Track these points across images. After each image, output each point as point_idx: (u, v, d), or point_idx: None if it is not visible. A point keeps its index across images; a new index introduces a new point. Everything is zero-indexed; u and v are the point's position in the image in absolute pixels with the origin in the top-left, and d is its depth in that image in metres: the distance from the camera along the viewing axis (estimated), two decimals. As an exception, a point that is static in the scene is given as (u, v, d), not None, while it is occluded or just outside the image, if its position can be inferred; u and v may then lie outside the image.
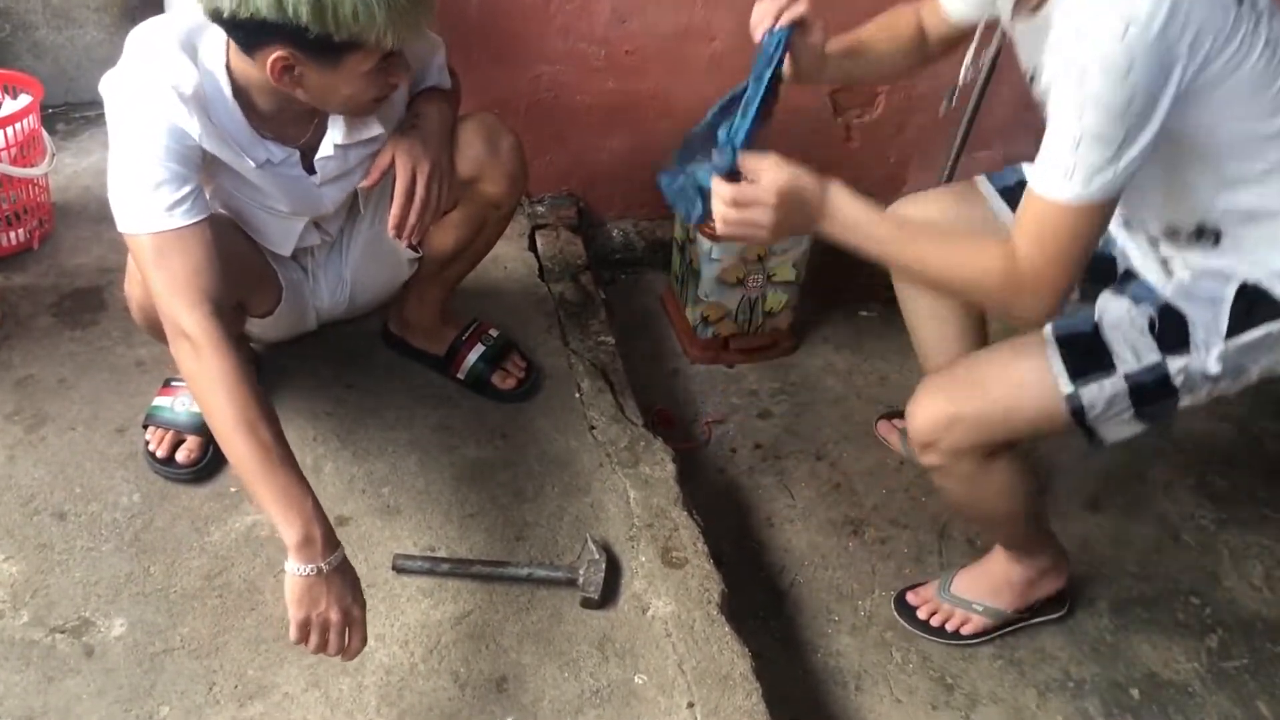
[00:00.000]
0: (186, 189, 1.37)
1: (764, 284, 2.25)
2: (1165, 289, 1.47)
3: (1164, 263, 1.51)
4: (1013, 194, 1.64)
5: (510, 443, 1.87)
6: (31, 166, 2.02)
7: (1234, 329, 1.41)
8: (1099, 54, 1.17)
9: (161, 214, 1.35)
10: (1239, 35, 1.23)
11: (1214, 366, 1.42)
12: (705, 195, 1.36)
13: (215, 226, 1.42)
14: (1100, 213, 1.27)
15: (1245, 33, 1.23)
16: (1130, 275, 1.57)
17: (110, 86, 1.39)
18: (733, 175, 1.31)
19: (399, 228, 1.57)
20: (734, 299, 2.26)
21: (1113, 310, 1.46)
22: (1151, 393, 1.44)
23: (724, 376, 2.33)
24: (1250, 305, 1.42)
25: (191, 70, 1.38)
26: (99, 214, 1.43)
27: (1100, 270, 1.58)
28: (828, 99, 2.39)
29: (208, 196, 1.47)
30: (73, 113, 2.44)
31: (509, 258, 2.27)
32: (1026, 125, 2.47)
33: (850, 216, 1.33)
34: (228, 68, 1.41)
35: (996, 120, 2.44)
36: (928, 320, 1.84)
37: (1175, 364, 1.42)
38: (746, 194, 1.30)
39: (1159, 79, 1.19)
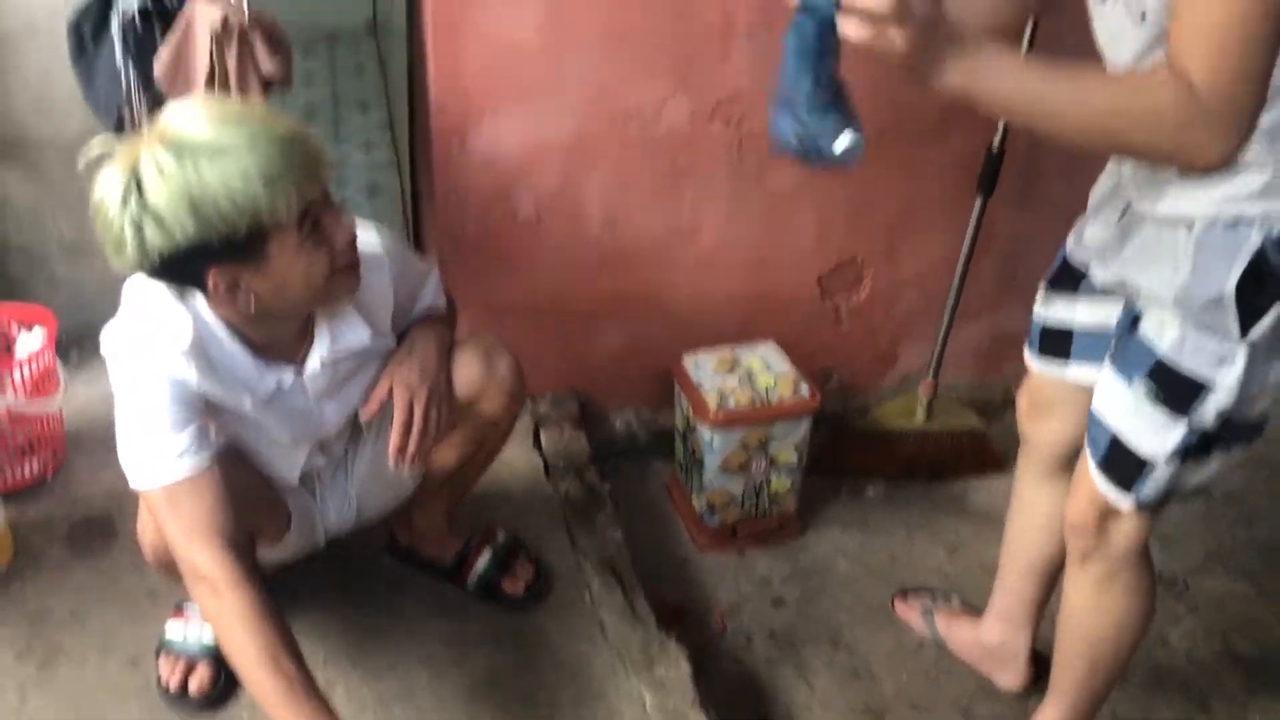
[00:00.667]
0: (190, 433, 1.41)
1: (767, 468, 2.27)
2: (1158, 343, 1.36)
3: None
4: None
5: (521, 650, 1.86)
6: (45, 398, 2.08)
7: (1246, 322, 1.27)
8: None
9: (171, 463, 1.39)
10: None
11: (1239, 370, 1.30)
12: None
13: (223, 463, 1.45)
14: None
15: None
16: (1113, 340, 1.49)
17: (109, 342, 1.44)
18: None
19: (399, 456, 1.60)
20: (738, 485, 2.28)
21: (1112, 412, 1.44)
22: (1205, 444, 1.39)
23: (734, 564, 2.32)
24: (1257, 282, 1.25)
25: (186, 319, 1.42)
26: (110, 441, 1.48)
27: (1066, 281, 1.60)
28: (815, 285, 2.46)
29: (213, 435, 1.51)
30: (85, 340, 2.51)
31: (514, 457, 2.29)
32: (1011, 297, 2.55)
33: (993, 50, 1.16)
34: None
35: (981, 292, 2.51)
36: (1035, 526, 1.85)
37: (1206, 413, 1.35)
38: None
39: None
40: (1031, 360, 1.71)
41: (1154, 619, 1.64)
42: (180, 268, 1.33)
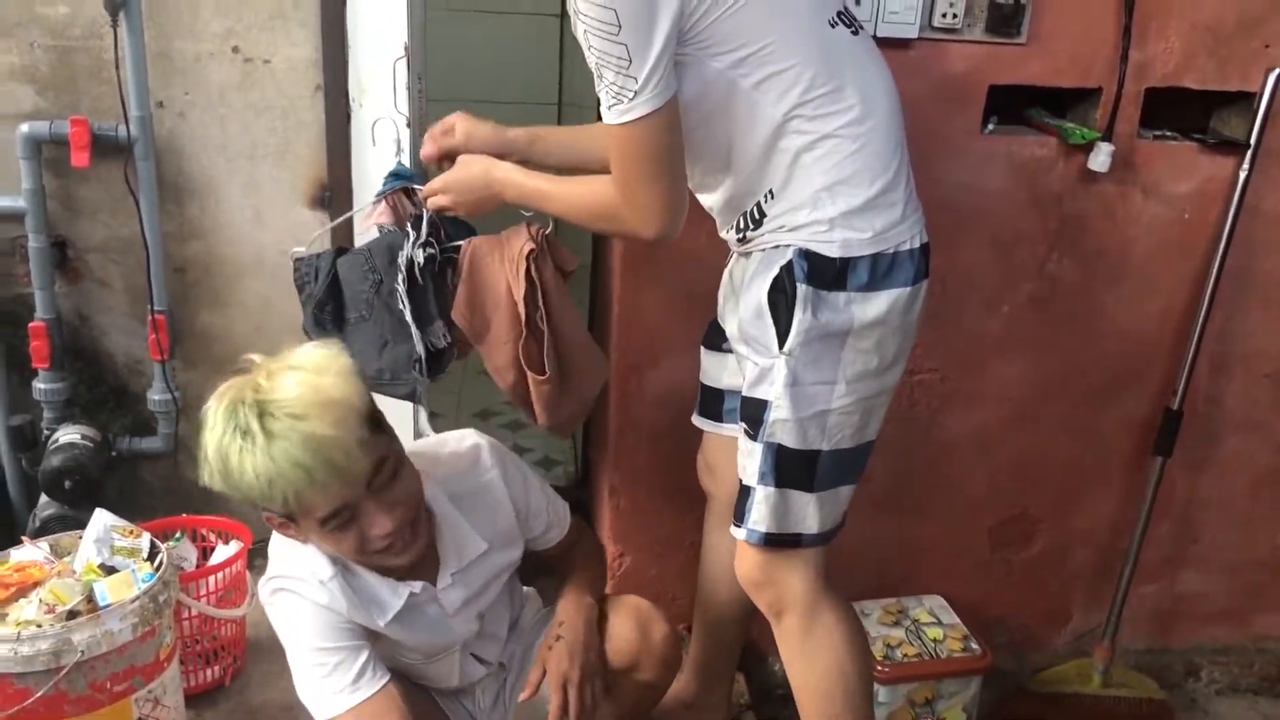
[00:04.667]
0: (360, 660, 1.48)
1: (934, 727, 2.20)
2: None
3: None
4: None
5: None
6: (233, 607, 2.18)
7: (782, 334, 1.47)
8: None
9: (346, 695, 1.47)
10: None
11: (782, 378, 1.46)
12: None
13: (398, 683, 1.51)
14: (647, 126, 1.36)
15: None
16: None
17: (265, 594, 1.54)
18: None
19: None
20: (904, 743, 2.20)
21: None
22: (794, 466, 1.51)
23: (895, 826, 2.21)
24: (778, 296, 1.47)
25: (319, 555, 1.51)
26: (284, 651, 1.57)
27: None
28: (985, 535, 2.43)
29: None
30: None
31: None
32: (1192, 561, 2.45)
33: (513, 173, 1.63)
34: None
35: (1160, 555, 2.43)
36: (722, 571, 1.91)
37: (770, 428, 1.49)
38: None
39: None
40: (695, 420, 1.92)
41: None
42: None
